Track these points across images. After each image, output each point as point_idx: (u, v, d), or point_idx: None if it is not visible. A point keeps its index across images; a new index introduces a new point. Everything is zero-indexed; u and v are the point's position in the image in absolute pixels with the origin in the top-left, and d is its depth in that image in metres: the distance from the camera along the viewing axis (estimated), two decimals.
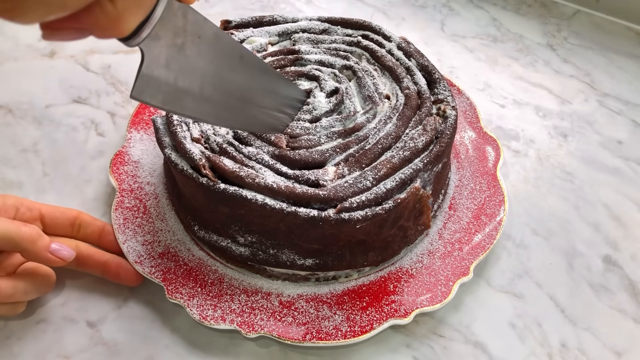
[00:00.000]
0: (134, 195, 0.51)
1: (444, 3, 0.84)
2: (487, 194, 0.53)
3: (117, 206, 0.50)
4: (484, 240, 0.49)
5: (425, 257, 0.48)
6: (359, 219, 0.41)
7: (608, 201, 0.57)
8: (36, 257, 0.41)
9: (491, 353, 0.45)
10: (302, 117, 0.48)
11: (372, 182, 0.43)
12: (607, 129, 0.65)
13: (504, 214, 0.50)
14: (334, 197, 0.41)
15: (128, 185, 0.52)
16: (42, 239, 0.41)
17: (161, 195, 0.52)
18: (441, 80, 0.52)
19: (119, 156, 0.54)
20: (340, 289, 0.46)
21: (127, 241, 0.48)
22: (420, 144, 0.45)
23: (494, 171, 0.54)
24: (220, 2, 0.83)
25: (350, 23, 0.58)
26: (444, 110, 0.49)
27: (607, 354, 0.45)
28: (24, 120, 0.62)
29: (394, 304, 0.44)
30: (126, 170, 0.53)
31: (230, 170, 0.42)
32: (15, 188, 0.55)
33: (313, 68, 0.53)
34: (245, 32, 0.57)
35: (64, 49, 0.72)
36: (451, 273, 0.46)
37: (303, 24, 0.57)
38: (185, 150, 0.44)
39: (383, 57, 0.54)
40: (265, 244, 0.44)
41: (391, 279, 0.47)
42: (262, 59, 0.35)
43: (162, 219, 0.50)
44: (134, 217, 0.50)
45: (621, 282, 0.50)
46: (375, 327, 0.43)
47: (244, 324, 0.43)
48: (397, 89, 0.51)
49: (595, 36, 0.78)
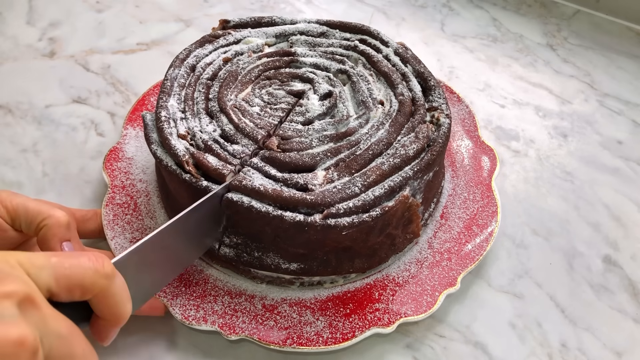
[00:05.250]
0: (125, 192, 0.52)
1: (444, 3, 0.84)
2: (480, 204, 0.52)
3: (107, 202, 0.50)
4: (473, 252, 0.48)
5: (413, 265, 0.47)
6: (345, 225, 0.40)
7: (608, 201, 0.57)
8: (50, 240, 0.39)
9: (491, 353, 0.45)
10: (295, 119, 0.48)
11: (360, 188, 0.42)
12: (607, 129, 0.65)
13: (495, 226, 0.49)
14: (321, 202, 0.41)
15: (120, 181, 0.52)
16: (69, 229, 0.40)
17: (152, 193, 0.52)
18: (436, 87, 0.51)
19: (113, 152, 0.54)
20: (324, 295, 0.45)
21: (116, 237, 0.48)
22: (411, 152, 0.45)
23: (489, 181, 0.53)
24: (220, 2, 0.83)
25: (349, 27, 0.58)
26: (438, 118, 0.48)
27: (607, 354, 0.45)
28: (24, 120, 0.62)
29: (377, 312, 0.44)
30: (119, 166, 0.54)
31: (213, 168, 0.42)
32: (15, 188, 0.55)
33: (308, 70, 0.53)
34: (243, 32, 0.57)
35: (64, 49, 0.72)
36: (438, 283, 0.46)
37: (301, 26, 0.57)
38: (170, 146, 0.44)
39: (379, 62, 0.53)
40: (250, 246, 0.44)
41: (377, 286, 0.46)
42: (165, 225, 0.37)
43: (151, 216, 0.50)
44: (123, 214, 0.50)
45: (621, 282, 0.50)
46: (357, 335, 0.42)
47: (225, 326, 0.42)
48: (392, 95, 0.51)
49: (595, 36, 0.78)
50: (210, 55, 0.54)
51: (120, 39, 0.74)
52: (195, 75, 0.52)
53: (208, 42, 0.56)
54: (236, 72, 0.52)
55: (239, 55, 0.54)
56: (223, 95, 0.49)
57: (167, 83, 0.50)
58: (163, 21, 0.78)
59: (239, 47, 0.55)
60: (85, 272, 0.29)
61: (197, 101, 0.50)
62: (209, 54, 0.54)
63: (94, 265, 0.29)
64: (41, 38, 0.74)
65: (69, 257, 0.29)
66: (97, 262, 0.30)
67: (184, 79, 0.51)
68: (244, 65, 0.53)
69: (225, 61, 0.53)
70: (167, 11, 0.80)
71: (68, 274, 0.28)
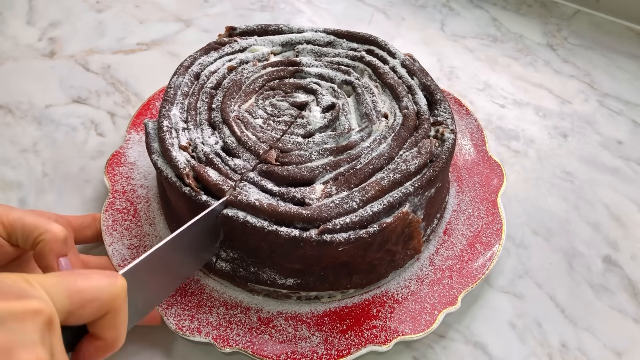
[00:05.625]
0: (125, 198, 0.51)
1: (444, 3, 0.84)
2: (485, 220, 0.50)
3: (107, 207, 0.50)
4: (476, 270, 0.46)
5: (413, 282, 0.46)
6: (342, 241, 0.39)
7: (608, 201, 0.57)
8: (47, 255, 0.38)
9: (491, 353, 0.45)
10: (296, 132, 0.47)
11: (358, 203, 0.41)
12: (607, 129, 0.65)
13: (499, 246, 0.48)
14: (317, 217, 0.39)
15: (121, 186, 0.52)
16: (66, 245, 0.39)
17: (153, 199, 0.52)
18: (442, 101, 0.50)
19: (116, 157, 0.54)
20: (321, 310, 0.44)
21: (114, 243, 0.47)
22: (412, 167, 0.43)
23: (495, 197, 0.52)
24: (220, 2, 0.83)
25: (356, 36, 0.56)
26: (442, 133, 0.47)
27: (607, 354, 0.45)
28: (24, 120, 0.62)
29: (375, 329, 0.43)
30: (121, 171, 0.53)
31: (213, 183, 0.42)
32: (15, 188, 0.55)
33: (312, 81, 0.52)
34: (249, 40, 0.56)
35: (64, 49, 0.72)
36: (438, 302, 0.44)
37: (308, 35, 0.56)
38: (171, 158, 0.43)
39: (385, 74, 0.52)
40: (246, 261, 0.43)
41: (375, 302, 0.45)
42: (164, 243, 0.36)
43: (151, 223, 0.50)
44: (122, 220, 0.49)
45: (621, 282, 0.50)
46: (352, 352, 0.41)
47: (219, 338, 0.42)
48: (397, 108, 0.49)
49: (595, 36, 0.78)
50: (215, 63, 0.53)
51: (120, 39, 0.74)
52: (199, 83, 0.51)
53: (213, 49, 0.55)
54: (240, 81, 0.51)
55: (244, 64, 0.53)
56: (226, 106, 0.48)
57: (171, 91, 0.49)
58: (163, 21, 0.78)
59: (244, 56, 0.54)
60: (101, 286, 0.28)
61: (200, 111, 0.49)
62: (214, 61, 0.53)
63: (109, 280, 0.29)
64: (41, 38, 0.74)
65: (80, 274, 0.28)
66: (111, 276, 0.29)
67: (188, 87, 0.50)
68: (248, 75, 0.52)
69: (229, 70, 0.53)
70: (167, 11, 0.80)
71: (81, 288, 0.27)
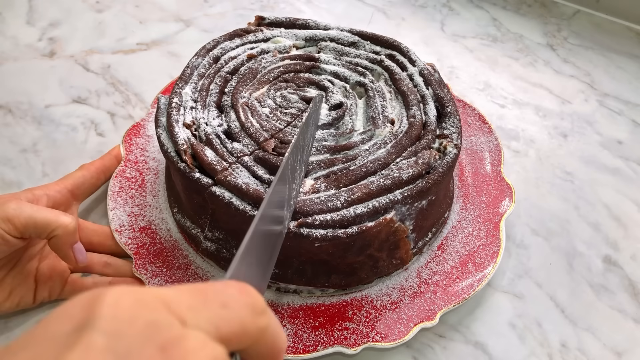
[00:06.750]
0: (136, 168, 0.53)
1: (444, 3, 0.84)
2: (483, 241, 0.49)
3: (117, 174, 0.52)
4: (462, 290, 0.45)
5: (395, 292, 0.46)
6: (318, 237, 0.39)
7: (608, 201, 0.57)
8: (62, 247, 0.41)
9: (491, 353, 0.45)
10: (299, 125, 0.48)
11: (343, 203, 0.41)
12: (607, 129, 0.65)
13: (492, 269, 0.46)
14: (299, 210, 0.40)
15: (134, 156, 0.54)
16: (76, 233, 0.42)
17: (161, 173, 0.53)
18: (453, 115, 0.49)
19: (136, 127, 0.56)
20: (298, 303, 0.45)
21: (116, 209, 0.49)
22: (405, 176, 0.43)
23: (498, 220, 0.50)
24: (220, 2, 0.83)
25: (380, 40, 0.56)
26: (445, 147, 0.46)
27: (607, 354, 0.45)
28: (24, 120, 0.62)
29: (346, 330, 0.43)
30: (137, 142, 0.55)
31: (207, 162, 0.43)
32: (15, 188, 0.55)
33: (326, 78, 0.52)
34: (274, 31, 0.56)
35: (64, 49, 0.72)
36: (416, 315, 0.44)
37: (333, 33, 0.56)
38: (173, 133, 0.45)
39: (401, 80, 0.51)
40: (230, 243, 0.44)
41: (353, 305, 0.45)
42: None
43: (154, 195, 0.52)
44: (129, 188, 0.51)
45: (621, 282, 0.50)
46: (319, 349, 0.41)
47: None
48: (405, 115, 0.49)
49: (595, 36, 0.78)
50: (236, 49, 0.54)
51: (120, 39, 0.74)
52: (217, 67, 0.52)
53: (238, 36, 0.56)
54: (257, 70, 0.52)
55: (264, 54, 0.54)
56: (237, 92, 0.50)
57: (187, 70, 0.51)
58: (163, 21, 0.78)
59: (266, 46, 0.55)
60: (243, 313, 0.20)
61: (211, 93, 0.50)
62: (236, 47, 0.54)
63: (246, 300, 0.20)
64: (41, 38, 0.74)
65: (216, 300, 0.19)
66: (247, 295, 0.20)
67: (205, 69, 0.52)
68: (266, 64, 0.53)
69: (249, 57, 0.53)
70: (167, 11, 0.80)
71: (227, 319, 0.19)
